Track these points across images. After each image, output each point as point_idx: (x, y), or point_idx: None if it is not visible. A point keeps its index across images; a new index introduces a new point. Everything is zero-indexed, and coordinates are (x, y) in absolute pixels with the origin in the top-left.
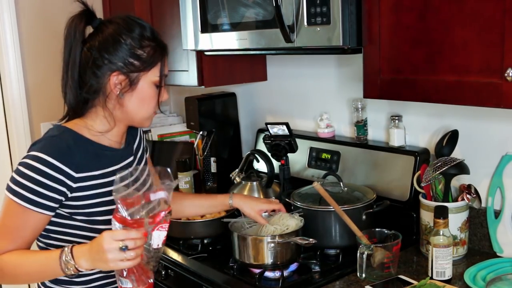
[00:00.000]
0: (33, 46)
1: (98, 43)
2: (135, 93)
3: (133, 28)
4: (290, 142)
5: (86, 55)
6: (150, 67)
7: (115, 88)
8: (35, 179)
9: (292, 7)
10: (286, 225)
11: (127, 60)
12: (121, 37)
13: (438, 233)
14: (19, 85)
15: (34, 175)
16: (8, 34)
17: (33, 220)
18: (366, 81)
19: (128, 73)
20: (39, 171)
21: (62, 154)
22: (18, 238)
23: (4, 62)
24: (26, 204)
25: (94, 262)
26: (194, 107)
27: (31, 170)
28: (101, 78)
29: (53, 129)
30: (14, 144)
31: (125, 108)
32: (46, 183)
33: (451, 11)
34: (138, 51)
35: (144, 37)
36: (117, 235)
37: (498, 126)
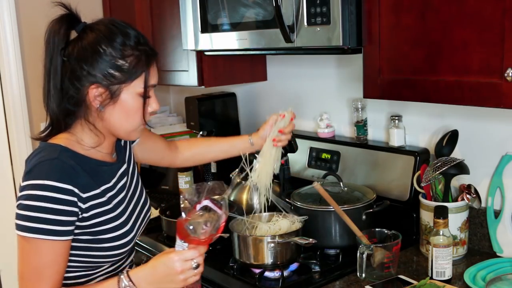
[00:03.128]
0: (33, 46)
1: (76, 52)
2: (118, 105)
3: (114, 37)
4: (290, 142)
5: (65, 65)
6: (133, 78)
7: (95, 100)
8: (50, 208)
9: (292, 7)
10: (279, 226)
11: (107, 71)
12: (101, 47)
13: (438, 233)
14: (19, 85)
15: (48, 204)
16: (8, 34)
17: (61, 251)
18: (366, 81)
19: (109, 85)
20: (53, 199)
21: (68, 176)
22: (53, 275)
23: (4, 62)
24: (50, 237)
25: (160, 284)
26: (194, 107)
27: (43, 201)
28: (81, 89)
29: (47, 149)
30: (14, 144)
31: (107, 122)
32: (62, 209)
33: (451, 11)
34: (119, 62)
35: (126, 45)
36: (188, 255)
37: (498, 126)
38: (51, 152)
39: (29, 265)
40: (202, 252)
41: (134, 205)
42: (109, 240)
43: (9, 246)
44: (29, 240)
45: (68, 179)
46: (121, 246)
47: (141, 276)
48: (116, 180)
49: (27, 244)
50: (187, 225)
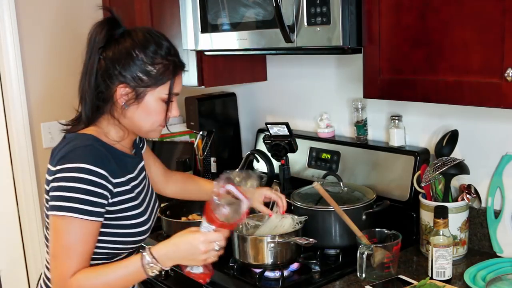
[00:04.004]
0: (33, 46)
1: (112, 54)
2: (141, 106)
3: (148, 45)
4: (290, 142)
5: (101, 63)
6: (159, 84)
7: (121, 98)
8: (85, 189)
9: (292, 7)
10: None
11: (136, 74)
12: (134, 52)
13: (438, 233)
14: (19, 85)
15: (83, 186)
16: (8, 34)
17: (92, 231)
18: (366, 81)
19: (135, 87)
20: (87, 181)
21: (102, 161)
22: (82, 254)
23: (4, 62)
24: (83, 216)
25: (182, 261)
26: (194, 107)
27: (79, 182)
28: (111, 87)
29: (80, 138)
30: (14, 144)
31: (129, 119)
32: (95, 191)
33: (451, 11)
34: (148, 67)
35: (157, 54)
36: (213, 237)
37: (498, 126)
38: (85, 140)
39: (61, 243)
40: (226, 236)
41: (149, 198)
42: (131, 226)
43: (9, 246)
44: (63, 218)
45: (101, 164)
46: (140, 234)
47: (163, 253)
48: (138, 172)
49: (61, 223)
50: (214, 208)
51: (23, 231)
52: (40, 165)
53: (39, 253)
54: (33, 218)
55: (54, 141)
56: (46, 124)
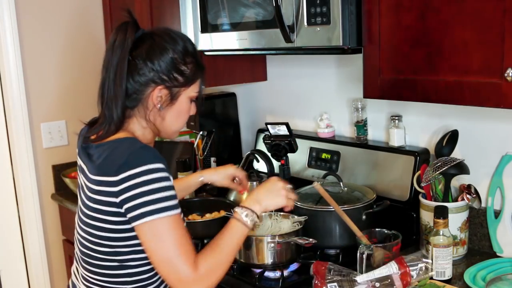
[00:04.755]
0: (33, 46)
1: (145, 53)
2: (174, 107)
3: (177, 42)
4: (290, 142)
5: (131, 64)
6: (191, 83)
7: (156, 100)
8: (165, 186)
9: (292, 7)
10: (279, 227)
11: (172, 74)
12: (168, 50)
13: (438, 233)
14: (19, 85)
15: (162, 184)
16: (8, 34)
17: (182, 223)
18: (366, 81)
19: (171, 87)
20: (162, 178)
21: (160, 158)
22: (190, 245)
23: (4, 62)
24: (176, 211)
25: (267, 200)
26: None
27: (158, 182)
28: (144, 88)
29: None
30: (14, 144)
31: (161, 120)
32: (170, 185)
33: (451, 11)
34: (182, 67)
35: (187, 52)
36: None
37: (498, 126)
38: (134, 143)
39: (169, 244)
40: None
41: None
42: None
43: (9, 246)
44: (161, 221)
45: (160, 159)
46: None
47: (250, 200)
48: None
49: (160, 226)
50: None
51: (23, 231)
52: (40, 165)
53: (39, 253)
54: (33, 218)
55: (54, 141)
56: (46, 124)
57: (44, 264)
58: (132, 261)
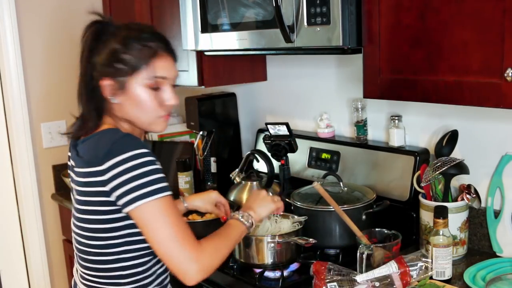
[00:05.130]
0: (33, 46)
1: (97, 54)
2: (129, 98)
3: (127, 36)
4: (290, 142)
5: (90, 67)
6: (136, 70)
7: (106, 92)
8: (154, 169)
9: (292, 7)
10: (279, 227)
11: (114, 65)
12: (113, 46)
13: (438, 233)
14: (19, 85)
15: (150, 167)
16: (8, 34)
17: (174, 204)
18: (366, 81)
19: (115, 76)
20: (149, 162)
21: (145, 146)
22: (186, 223)
23: (4, 62)
24: (168, 192)
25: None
26: (194, 107)
27: (145, 166)
28: (97, 83)
29: (110, 132)
30: (14, 144)
31: (125, 112)
32: (159, 168)
33: (451, 11)
34: (124, 56)
35: (133, 41)
36: None
37: (498, 126)
38: (117, 132)
39: (167, 226)
40: None
41: None
42: None
43: (9, 246)
44: (154, 203)
45: (144, 146)
46: None
47: (244, 209)
48: None
49: (153, 208)
50: None
51: (23, 231)
52: (40, 165)
53: (39, 253)
54: (33, 218)
55: (54, 141)
56: (46, 124)
57: (44, 264)
58: (125, 253)
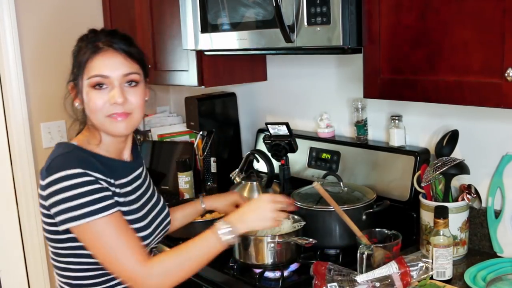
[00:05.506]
0: (33, 46)
1: None
2: (84, 100)
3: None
4: (290, 142)
5: None
6: (82, 69)
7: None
8: (87, 191)
9: (292, 7)
10: (279, 228)
11: (72, 69)
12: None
13: (438, 233)
14: (19, 85)
15: (83, 189)
16: (8, 34)
17: (120, 221)
18: (366, 81)
19: (73, 80)
20: (84, 183)
21: (86, 164)
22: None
23: (4, 62)
24: (103, 214)
25: (253, 221)
26: (194, 107)
27: (77, 188)
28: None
29: (61, 146)
30: (14, 144)
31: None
32: (97, 188)
33: (451, 11)
34: (74, 57)
35: (82, 39)
36: (279, 198)
37: (498, 126)
38: (66, 148)
39: (105, 247)
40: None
41: (151, 208)
42: None
43: (9, 246)
44: (90, 225)
45: (86, 165)
46: None
47: (235, 218)
48: (132, 178)
49: (88, 231)
50: None
51: (23, 231)
52: (40, 165)
53: (39, 253)
54: (33, 218)
55: (54, 141)
56: (46, 124)
57: (44, 264)
58: (72, 264)
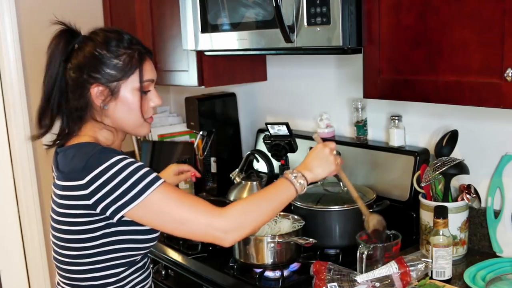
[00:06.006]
0: (33, 46)
1: (77, 61)
2: (119, 102)
3: (109, 41)
4: (290, 142)
5: (69, 75)
6: (128, 74)
7: (97, 99)
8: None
9: (292, 7)
10: (279, 228)
11: (104, 71)
12: (97, 52)
13: (438, 233)
14: (19, 85)
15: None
16: (8, 34)
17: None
18: (366, 81)
19: (107, 83)
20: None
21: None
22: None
23: (4, 62)
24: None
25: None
26: (194, 107)
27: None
28: (83, 91)
29: (86, 146)
30: (14, 144)
31: (113, 118)
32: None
33: (451, 11)
34: (114, 61)
35: (120, 47)
36: (332, 145)
37: (498, 126)
38: (94, 146)
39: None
40: None
41: None
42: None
43: (9, 246)
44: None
45: (120, 153)
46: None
47: (301, 167)
48: None
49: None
50: None
51: (23, 231)
52: (40, 165)
53: (39, 253)
54: (33, 218)
55: None
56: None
57: (44, 264)
58: (97, 263)
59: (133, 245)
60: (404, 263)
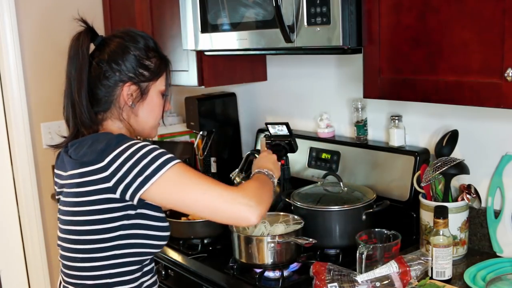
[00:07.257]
0: (33, 46)
1: (107, 56)
2: (146, 102)
3: (138, 40)
4: (290, 142)
5: (96, 70)
6: (158, 76)
7: (128, 98)
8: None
9: (292, 7)
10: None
11: (138, 70)
12: (129, 48)
13: (438, 233)
14: (19, 85)
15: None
16: (8, 34)
17: None
18: (366, 81)
19: (139, 83)
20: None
21: None
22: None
23: (4, 62)
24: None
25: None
26: (194, 107)
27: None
28: (113, 89)
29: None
30: (14, 144)
31: (136, 118)
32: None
33: (451, 11)
34: (146, 62)
35: (149, 48)
36: None
37: (498, 126)
38: (109, 133)
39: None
40: None
41: None
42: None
43: (9, 246)
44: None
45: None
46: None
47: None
48: None
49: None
50: None
51: (23, 231)
52: (40, 165)
53: (39, 253)
54: (33, 218)
55: (54, 141)
56: (46, 124)
57: (44, 264)
58: (112, 258)
59: (146, 241)
60: (404, 263)
